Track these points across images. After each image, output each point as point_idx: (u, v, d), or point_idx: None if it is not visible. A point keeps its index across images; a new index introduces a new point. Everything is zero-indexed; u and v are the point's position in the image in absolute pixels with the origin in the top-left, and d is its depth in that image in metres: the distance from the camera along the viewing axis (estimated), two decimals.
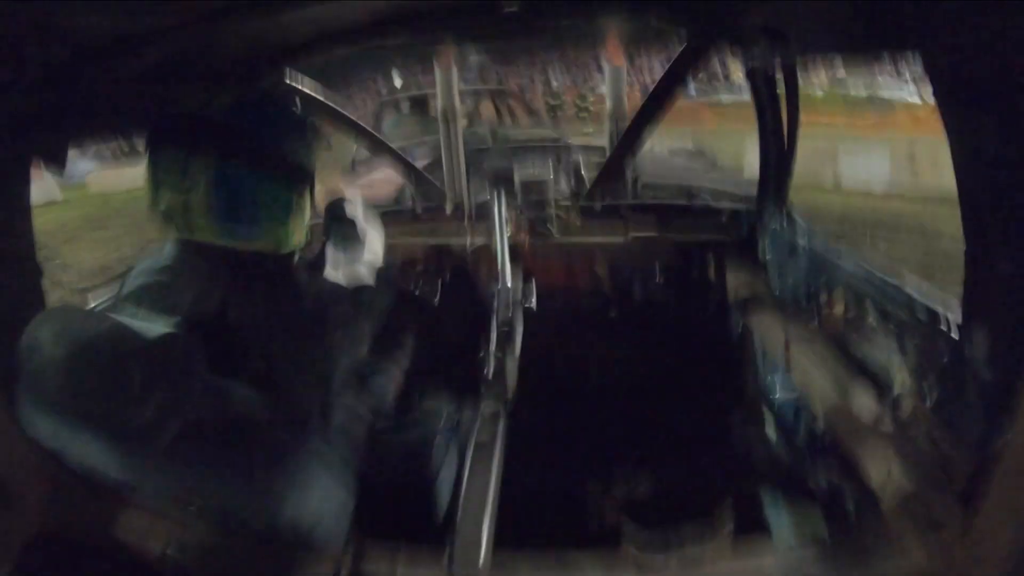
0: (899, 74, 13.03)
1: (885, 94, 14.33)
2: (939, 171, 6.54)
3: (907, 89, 13.49)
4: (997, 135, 0.86)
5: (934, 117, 0.96)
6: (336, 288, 1.21)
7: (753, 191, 2.12)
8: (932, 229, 6.03)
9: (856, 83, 14.61)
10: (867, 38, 1.04)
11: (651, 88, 1.89)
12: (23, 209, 1.05)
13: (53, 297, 1.16)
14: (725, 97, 15.79)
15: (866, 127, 12.78)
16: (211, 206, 0.97)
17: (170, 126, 1.01)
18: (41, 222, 1.12)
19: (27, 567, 0.99)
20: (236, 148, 0.98)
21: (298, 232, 1.09)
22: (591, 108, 16.49)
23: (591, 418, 2.29)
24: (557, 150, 3.32)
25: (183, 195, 0.96)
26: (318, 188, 1.14)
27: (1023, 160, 0.84)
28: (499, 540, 1.02)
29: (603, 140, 2.97)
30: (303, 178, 1.07)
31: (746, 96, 1.93)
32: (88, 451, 0.97)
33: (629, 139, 2.18)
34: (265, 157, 1.00)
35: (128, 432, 0.84)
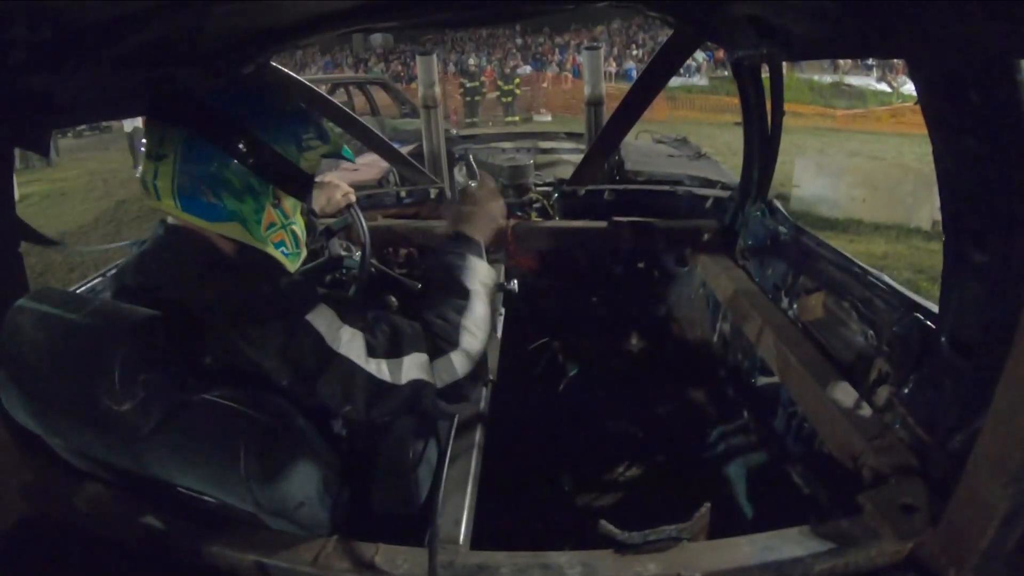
0: None
1: None
2: None
3: None
4: (976, 135, 0.89)
5: None
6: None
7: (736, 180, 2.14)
8: None
9: None
10: (854, 41, 1.05)
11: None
12: (5, 195, 1.03)
13: None
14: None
15: None
16: (175, 176, 0.96)
17: (160, 96, 1.00)
18: None
19: (10, 552, 0.98)
20: (212, 125, 0.96)
21: (271, 227, 1.04)
22: (517, 92, 15.04)
23: (570, 403, 2.31)
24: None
25: (155, 163, 0.95)
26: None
27: (1000, 159, 0.87)
28: (477, 535, 1.02)
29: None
30: (283, 171, 1.02)
31: (692, 79, 1.93)
32: (70, 437, 0.96)
33: (613, 129, 2.18)
34: (239, 141, 0.97)
35: (112, 417, 0.84)
